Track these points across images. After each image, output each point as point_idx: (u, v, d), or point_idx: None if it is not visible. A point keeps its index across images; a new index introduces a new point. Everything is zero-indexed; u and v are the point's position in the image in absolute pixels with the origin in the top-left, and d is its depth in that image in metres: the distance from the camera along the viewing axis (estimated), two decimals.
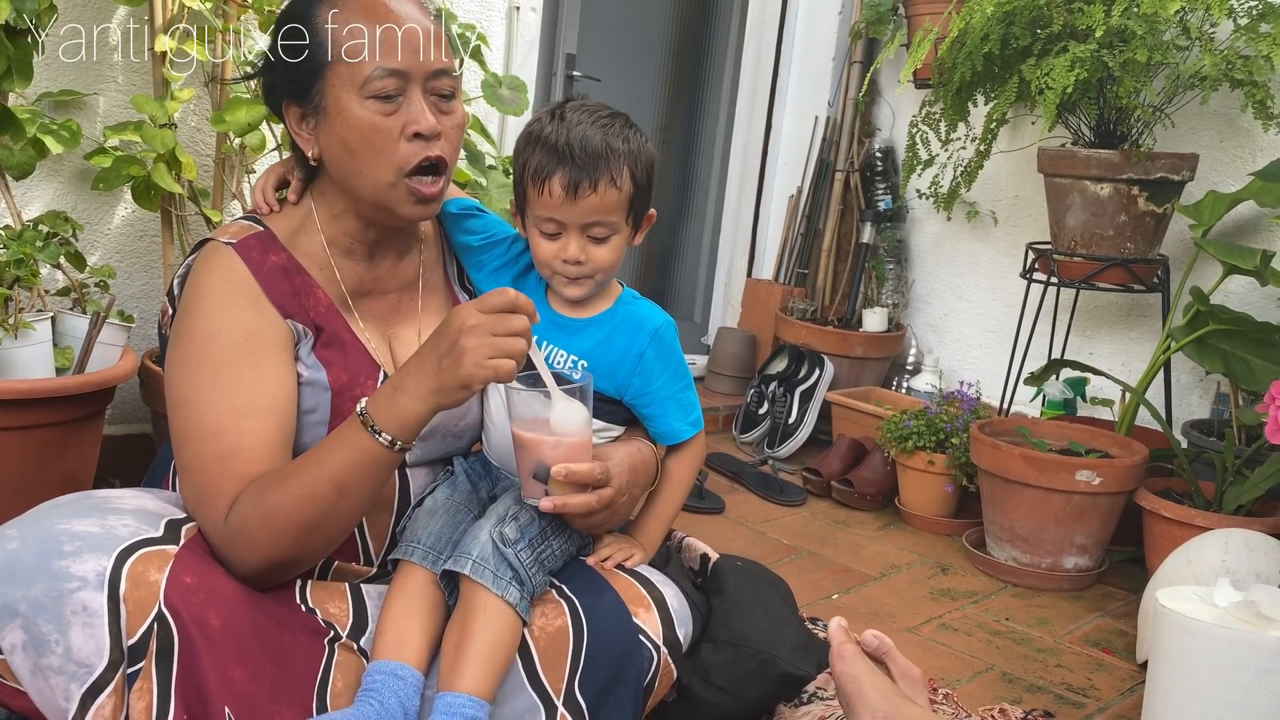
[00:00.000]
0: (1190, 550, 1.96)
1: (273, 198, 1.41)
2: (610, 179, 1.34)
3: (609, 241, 1.38)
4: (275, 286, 1.31)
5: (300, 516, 1.20)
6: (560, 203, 1.34)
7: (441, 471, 1.47)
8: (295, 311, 1.32)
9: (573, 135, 1.34)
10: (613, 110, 1.41)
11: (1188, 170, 2.55)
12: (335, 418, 1.33)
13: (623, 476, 1.35)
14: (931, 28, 2.61)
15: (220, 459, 1.23)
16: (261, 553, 1.22)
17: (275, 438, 1.27)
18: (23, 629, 1.11)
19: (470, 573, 1.28)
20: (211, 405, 1.25)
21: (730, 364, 3.55)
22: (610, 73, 3.37)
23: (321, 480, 1.20)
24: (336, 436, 1.23)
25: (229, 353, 1.26)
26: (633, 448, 1.43)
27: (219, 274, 1.30)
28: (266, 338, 1.29)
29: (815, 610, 2.11)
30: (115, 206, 2.20)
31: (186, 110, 2.22)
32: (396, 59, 1.26)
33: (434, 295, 1.49)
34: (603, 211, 1.35)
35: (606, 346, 1.42)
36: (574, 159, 1.33)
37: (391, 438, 1.19)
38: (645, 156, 1.39)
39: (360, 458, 1.20)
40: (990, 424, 2.55)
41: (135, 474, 1.82)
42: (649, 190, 1.40)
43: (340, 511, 1.22)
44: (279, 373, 1.29)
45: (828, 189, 3.49)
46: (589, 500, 1.30)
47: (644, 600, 1.39)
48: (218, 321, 1.27)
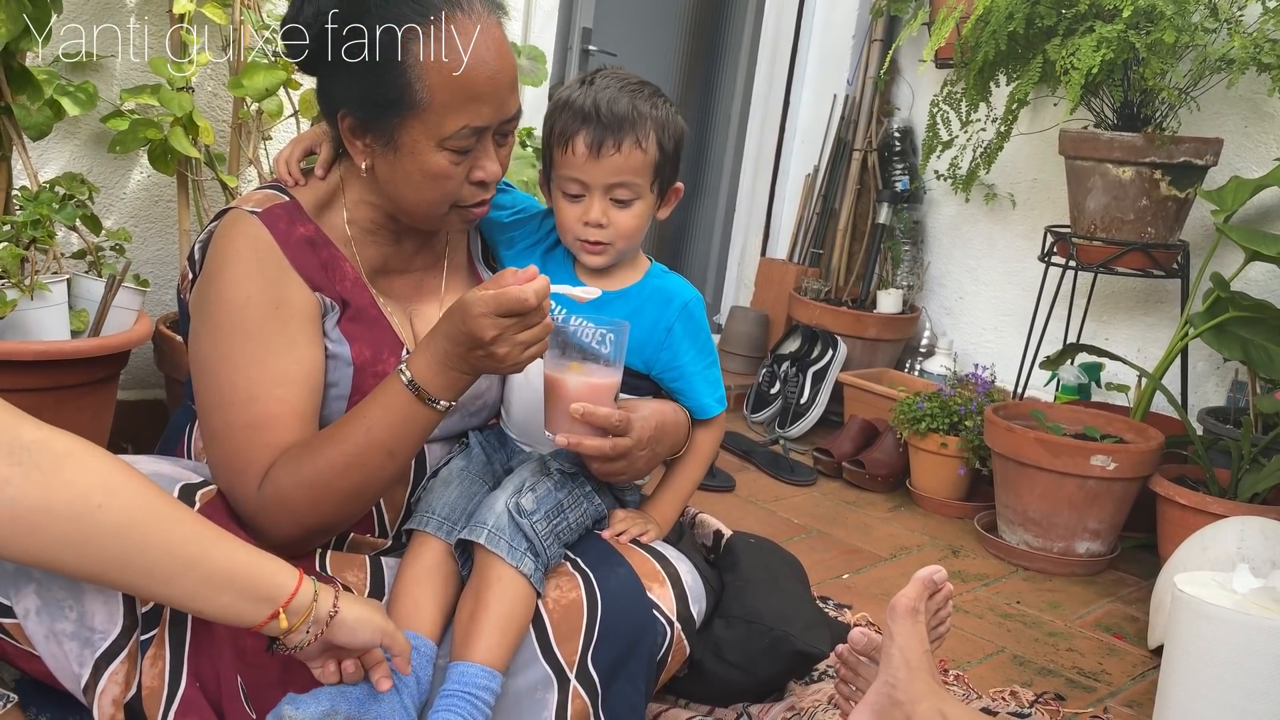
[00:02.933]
0: (1206, 537, 1.95)
1: (297, 170, 1.39)
2: (636, 141, 1.34)
3: (632, 206, 1.37)
4: (302, 258, 1.30)
5: (346, 483, 1.21)
6: (584, 161, 1.34)
7: (457, 444, 1.46)
8: (323, 284, 1.31)
9: (600, 98, 1.34)
10: (644, 80, 1.40)
11: (1211, 155, 2.52)
12: (356, 393, 1.32)
13: (645, 430, 1.35)
14: (955, 6, 2.58)
15: (251, 427, 1.23)
16: (300, 522, 1.22)
17: (306, 407, 1.27)
18: (36, 594, 1.11)
19: (485, 542, 1.28)
20: (242, 373, 1.24)
21: (742, 343, 3.54)
22: (626, 47, 3.34)
23: (372, 449, 1.21)
24: (383, 408, 1.23)
25: (259, 320, 1.26)
26: (667, 406, 1.43)
27: (245, 241, 1.29)
28: (296, 307, 1.28)
29: (825, 590, 2.11)
30: (131, 170, 2.19)
31: (204, 75, 2.20)
32: (484, 117, 1.25)
33: (457, 274, 1.48)
34: (627, 172, 1.34)
35: (635, 320, 1.41)
36: (599, 118, 1.33)
37: (448, 403, 1.23)
38: (674, 126, 1.38)
39: (414, 424, 1.23)
40: (1004, 407, 2.53)
41: (149, 439, 1.83)
42: (676, 161, 1.39)
43: (387, 474, 1.24)
44: (309, 343, 1.29)
45: (845, 169, 3.47)
46: (603, 445, 1.31)
47: (658, 575, 1.39)
48: (247, 289, 1.26)
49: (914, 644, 1.20)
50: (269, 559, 1.10)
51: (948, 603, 1.39)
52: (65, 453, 0.99)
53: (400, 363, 1.34)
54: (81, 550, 0.99)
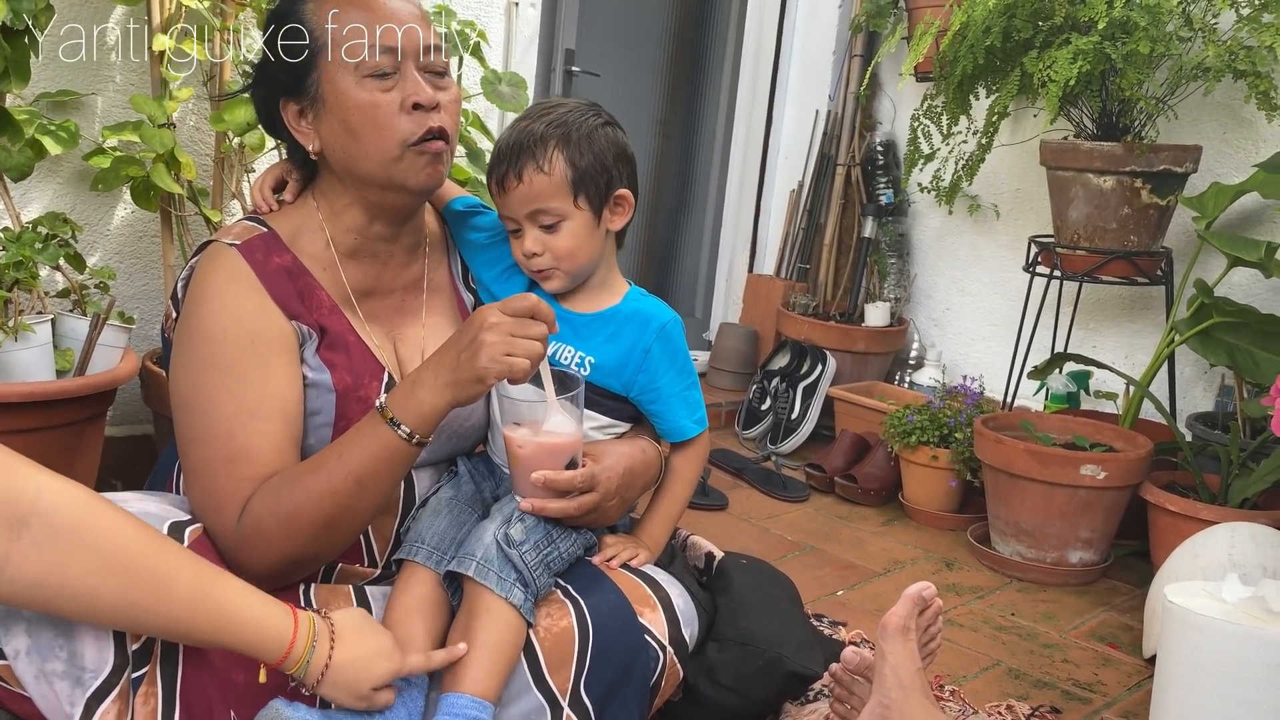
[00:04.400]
0: (1197, 544, 1.96)
1: (271, 198, 1.41)
2: (536, 166, 1.35)
3: (560, 228, 1.38)
4: (280, 288, 1.31)
5: (319, 513, 1.21)
6: (500, 199, 1.39)
7: (446, 472, 1.46)
8: (300, 313, 1.32)
9: (504, 134, 1.39)
10: (569, 101, 1.41)
11: (1191, 162, 2.54)
12: (340, 420, 1.32)
13: (612, 481, 1.36)
14: (933, 21, 2.60)
15: (229, 461, 1.23)
16: (277, 551, 1.22)
17: (284, 440, 1.27)
18: (26, 634, 1.10)
19: (474, 574, 1.27)
20: (219, 407, 1.25)
21: (732, 359, 3.54)
22: (609, 67, 3.36)
23: (341, 475, 1.21)
24: (355, 432, 1.24)
25: (235, 354, 1.26)
26: (635, 448, 1.43)
27: (223, 275, 1.30)
28: (272, 339, 1.29)
29: (820, 607, 2.11)
30: (115, 207, 2.19)
31: (185, 110, 2.21)
32: (388, 36, 1.28)
33: (438, 295, 1.48)
34: (538, 199, 1.36)
35: (613, 343, 1.42)
36: (499, 154, 1.37)
37: (410, 430, 1.21)
38: (598, 138, 1.38)
39: (379, 450, 1.22)
40: (994, 418, 2.54)
41: (138, 475, 1.82)
42: (604, 171, 1.38)
43: (359, 507, 1.24)
44: (286, 374, 1.29)
45: (829, 183, 3.48)
46: (567, 507, 1.32)
47: (649, 600, 1.38)
48: (223, 323, 1.27)
49: (906, 663, 1.21)
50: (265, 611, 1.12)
51: (938, 618, 1.40)
52: (65, 528, 1.00)
53: (381, 385, 1.35)
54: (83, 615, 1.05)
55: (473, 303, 1.52)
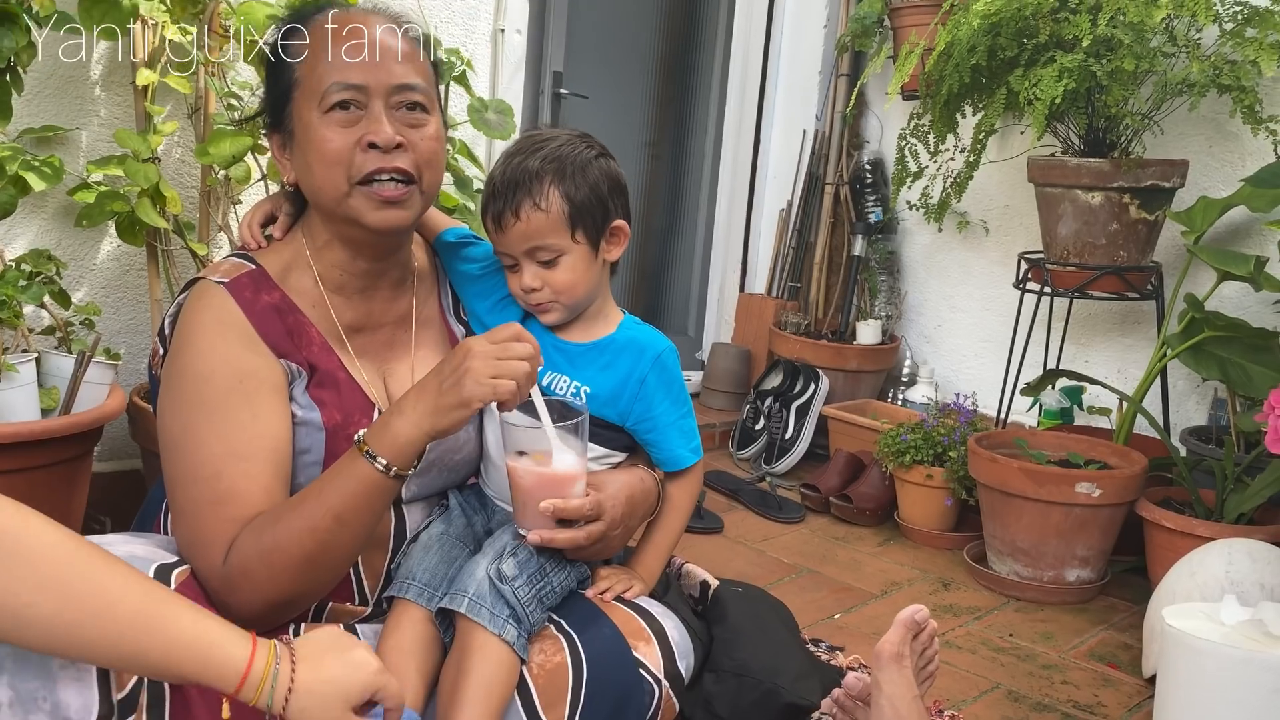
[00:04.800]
0: (1193, 561, 1.95)
1: (259, 234, 1.41)
2: (533, 203, 1.34)
3: (559, 263, 1.37)
4: (269, 326, 1.30)
5: (300, 551, 1.19)
6: (496, 235, 1.38)
7: (437, 506, 1.45)
8: (289, 351, 1.31)
9: (496, 170, 1.37)
10: (560, 133, 1.40)
11: (1178, 177, 2.54)
12: (330, 457, 1.31)
13: (617, 510, 1.35)
14: (918, 41, 2.60)
15: (216, 503, 1.22)
16: (262, 592, 1.21)
17: (272, 480, 1.25)
18: (9, 686, 1.09)
19: (466, 611, 1.26)
20: (207, 448, 1.23)
21: (725, 380, 3.53)
22: (598, 89, 3.36)
23: (320, 512, 1.20)
24: (334, 468, 1.23)
25: (223, 394, 1.25)
26: (634, 477, 1.42)
27: (211, 314, 1.29)
28: (261, 378, 1.27)
29: (817, 631, 2.09)
30: (101, 241, 2.18)
31: (171, 142, 2.20)
32: (356, 74, 1.27)
33: (428, 329, 1.47)
34: (536, 236, 1.35)
35: (609, 372, 1.41)
36: (494, 191, 1.36)
37: (387, 463, 1.19)
38: (592, 171, 1.37)
39: (357, 485, 1.20)
40: (988, 436, 2.53)
41: (127, 511, 1.80)
42: (600, 203, 1.37)
43: (339, 543, 1.22)
44: (274, 414, 1.28)
45: (818, 202, 3.48)
46: (576, 536, 1.30)
47: (644, 633, 1.37)
48: (211, 362, 1.26)
49: (902, 690, 1.20)
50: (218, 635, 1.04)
51: (933, 641, 1.38)
52: None
53: (371, 422, 1.34)
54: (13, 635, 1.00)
55: (464, 334, 1.51)
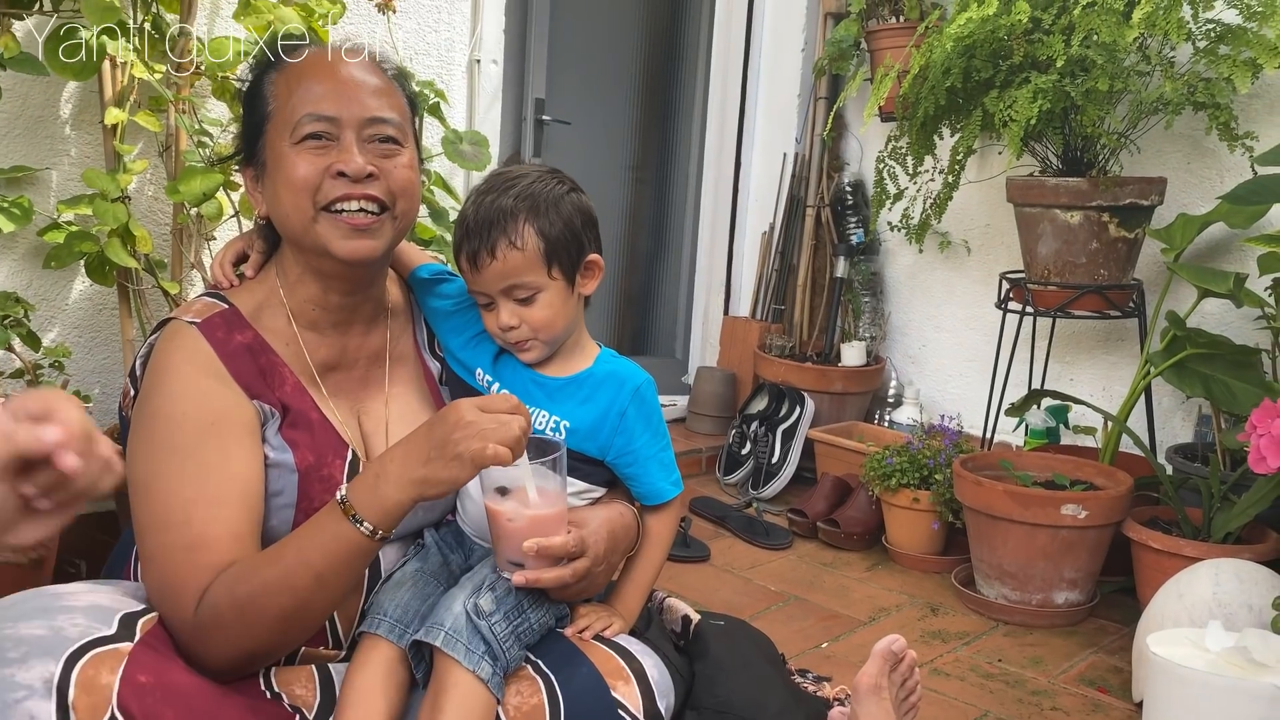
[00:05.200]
0: (1181, 583, 1.93)
1: (231, 273, 1.39)
2: (508, 241, 1.33)
3: (536, 300, 1.36)
4: (241, 366, 1.28)
5: (277, 607, 1.17)
6: (471, 275, 1.36)
7: (413, 544, 1.43)
8: (262, 391, 1.29)
9: (468, 208, 1.36)
10: (529, 169, 1.39)
11: (1156, 195, 2.54)
12: (303, 499, 1.29)
13: (600, 545, 1.33)
14: (893, 64, 2.61)
15: (188, 549, 1.20)
16: (235, 645, 1.18)
17: (244, 526, 1.23)
18: None
19: (442, 645, 1.24)
20: (177, 493, 1.21)
21: (711, 404, 3.52)
22: (580, 116, 3.37)
23: (300, 570, 1.17)
24: (315, 525, 1.20)
25: (195, 437, 1.23)
26: (614, 512, 1.40)
27: (183, 355, 1.27)
28: (233, 420, 1.26)
29: (804, 661, 2.07)
30: (73, 281, 2.16)
31: (144, 180, 2.18)
32: (328, 105, 1.27)
33: (402, 365, 1.45)
34: (513, 274, 1.34)
35: (588, 406, 1.40)
36: (468, 230, 1.34)
37: (373, 527, 1.17)
38: (565, 206, 1.36)
39: (339, 547, 1.18)
40: (973, 459, 2.52)
41: (102, 555, 1.76)
42: (575, 239, 1.37)
43: (318, 601, 1.20)
44: (247, 457, 1.26)
45: (799, 225, 3.48)
46: (563, 574, 1.28)
47: (623, 673, 1.35)
48: (182, 405, 1.24)
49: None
50: None
51: (914, 671, 1.36)
52: None
53: (345, 463, 1.32)
54: None
55: (439, 371, 1.50)
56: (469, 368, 1.46)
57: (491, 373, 1.45)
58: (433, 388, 1.48)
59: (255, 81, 1.33)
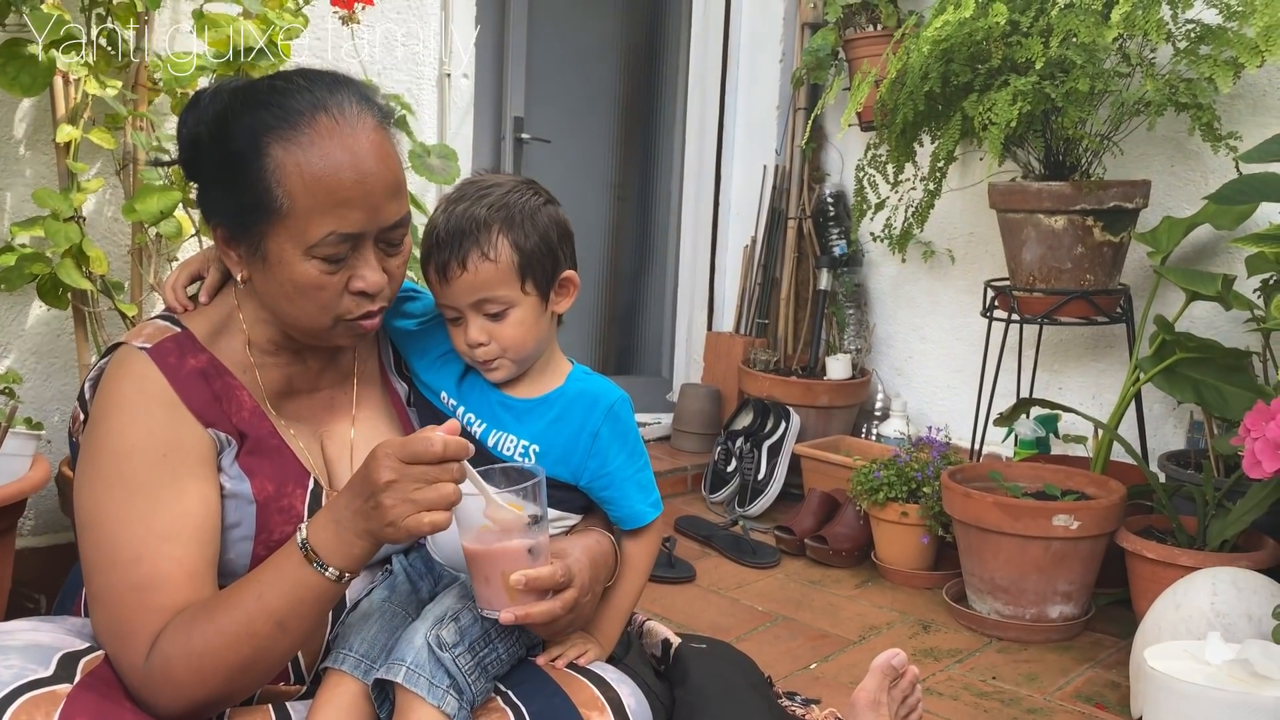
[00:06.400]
0: (1178, 594, 1.87)
1: (183, 296, 1.32)
2: (480, 253, 1.26)
3: (508, 316, 1.29)
4: (194, 393, 1.21)
5: (236, 657, 1.11)
6: (440, 287, 1.29)
7: (380, 572, 1.36)
8: (217, 419, 1.22)
9: (438, 218, 1.29)
10: (503, 178, 1.33)
11: (1141, 197, 2.50)
12: (261, 531, 1.23)
13: (585, 574, 1.26)
14: (870, 70, 2.57)
15: (138, 589, 1.13)
16: (187, 695, 1.12)
17: (198, 563, 1.17)
18: None
19: (404, 681, 1.17)
20: (127, 529, 1.15)
21: (696, 421, 3.45)
22: (560, 133, 3.33)
23: (261, 618, 1.11)
24: (275, 569, 1.13)
25: (145, 471, 1.16)
26: (590, 540, 1.34)
27: (131, 383, 1.20)
28: (186, 451, 1.19)
29: (792, 683, 2.00)
30: (29, 305, 2.09)
31: (102, 199, 2.12)
32: (353, 223, 1.16)
33: (369, 387, 1.39)
34: (484, 287, 1.27)
35: (559, 427, 1.33)
36: (438, 240, 1.28)
37: (338, 572, 1.11)
38: (541, 218, 1.30)
39: (304, 592, 1.11)
40: (961, 470, 2.46)
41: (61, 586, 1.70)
42: (550, 253, 1.31)
43: (279, 649, 1.13)
44: (201, 491, 1.19)
45: (781, 237, 3.44)
46: (553, 607, 1.20)
47: (597, 703, 1.28)
48: (131, 437, 1.17)
49: None
50: None
51: (915, 688, 1.30)
52: None
53: (306, 492, 1.26)
54: None
55: (406, 392, 1.44)
56: (434, 390, 1.40)
57: (456, 395, 1.38)
58: (400, 410, 1.42)
59: (247, 147, 1.15)
